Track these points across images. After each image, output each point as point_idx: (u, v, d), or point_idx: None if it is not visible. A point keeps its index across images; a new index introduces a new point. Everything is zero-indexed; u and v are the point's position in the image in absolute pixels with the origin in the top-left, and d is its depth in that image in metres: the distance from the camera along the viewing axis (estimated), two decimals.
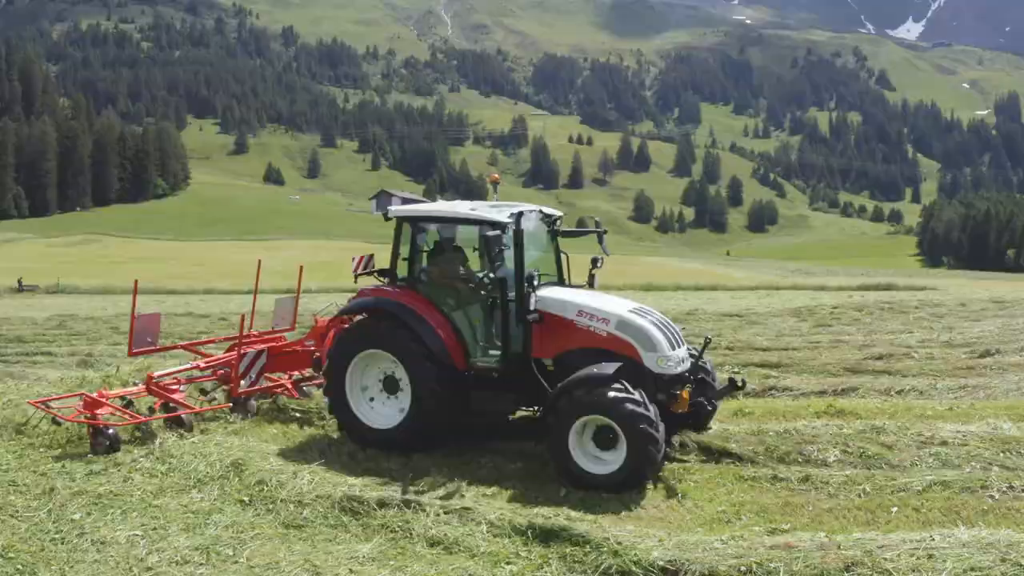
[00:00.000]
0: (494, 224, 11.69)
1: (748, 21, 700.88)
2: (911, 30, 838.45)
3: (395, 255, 12.83)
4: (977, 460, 10.72)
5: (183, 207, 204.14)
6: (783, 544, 8.16)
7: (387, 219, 12.93)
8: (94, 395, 12.43)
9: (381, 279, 13.49)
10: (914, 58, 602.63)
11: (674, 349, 11.51)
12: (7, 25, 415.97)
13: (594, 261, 13.02)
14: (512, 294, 11.82)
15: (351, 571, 8.40)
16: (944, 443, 11.15)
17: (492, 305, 12.36)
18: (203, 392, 14.52)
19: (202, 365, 14.50)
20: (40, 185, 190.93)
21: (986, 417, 12.21)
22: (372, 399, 12.48)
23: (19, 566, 8.46)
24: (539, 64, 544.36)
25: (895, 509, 9.56)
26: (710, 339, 12.47)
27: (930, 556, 7.56)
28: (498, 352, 12.11)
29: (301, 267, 18.79)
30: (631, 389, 10.61)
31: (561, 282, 13.03)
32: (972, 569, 7.31)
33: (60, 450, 11.96)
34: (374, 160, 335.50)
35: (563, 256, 13.18)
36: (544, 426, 11.10)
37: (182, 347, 16.10)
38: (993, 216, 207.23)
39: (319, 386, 14.54)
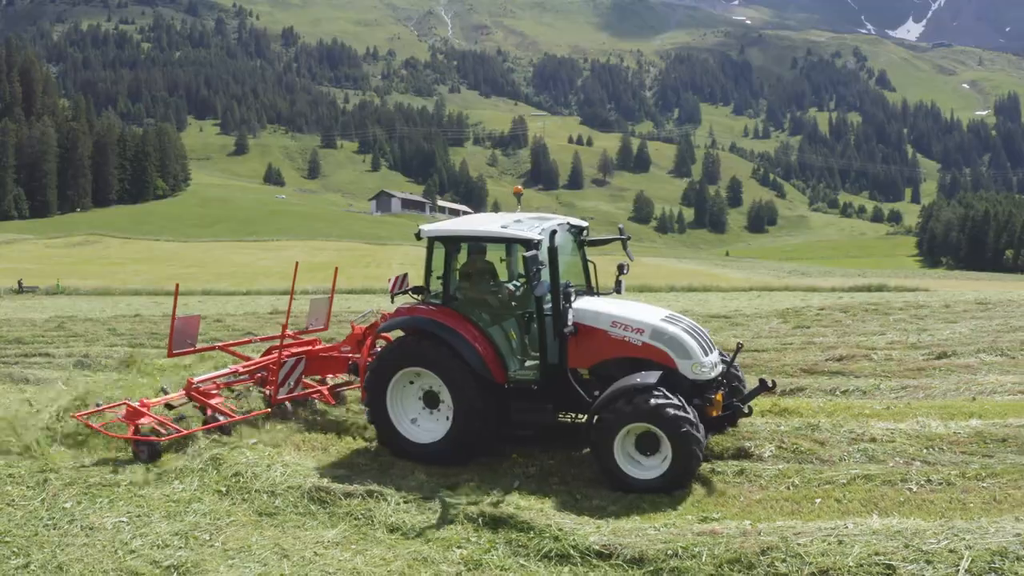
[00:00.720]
0: (527, 242, 11.98)
1: (748, 21, 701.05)
2: (911, 30, 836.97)
3: (428, 273, 13.08)
4: (901, 455, 11.48)
5: (183, 208, 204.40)
6: (709, 531, 9.10)
7: (419, 239, 13.09)
8: (136, 404, 12.69)
9: (415, 297, 13.75)
10: (914, 58, 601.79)
11: (707, 355, 11.87)
12: (7, 26, 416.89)
13: (620, 267, 13.39)
14: (548, 308, 12.13)
15: (316, 554, 9.34)
16: (873, 440, 11.90)
17: (527, 318, 12.73)
18: (233, 393, 14.85)
19: (240, 369, 14.74)
20: (40, 186, 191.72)
21: (917, 416, 12.91)
22: (414, 417, 12.70)
23: (14, 549, 9.40)
24: (539, 65, 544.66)
25: (819, 500, 10.33)
26: (742, 344, 13.37)
27: (840, 542, 8.44)
28: (536, 365, 12.39)
29: (336, 268, 19.54)
30: (673, 396, 10.99)
31: (590, 291, 13.39)
32: (876, 554, 8.16)
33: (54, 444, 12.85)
34: (374, 161, 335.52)
35: (591, 265, 13.50)
36: (589, 435, 11.42)
37: (219, 348, 16.22)
38: (992, 217, 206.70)
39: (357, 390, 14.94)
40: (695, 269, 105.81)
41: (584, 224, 13.47)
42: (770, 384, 12.36)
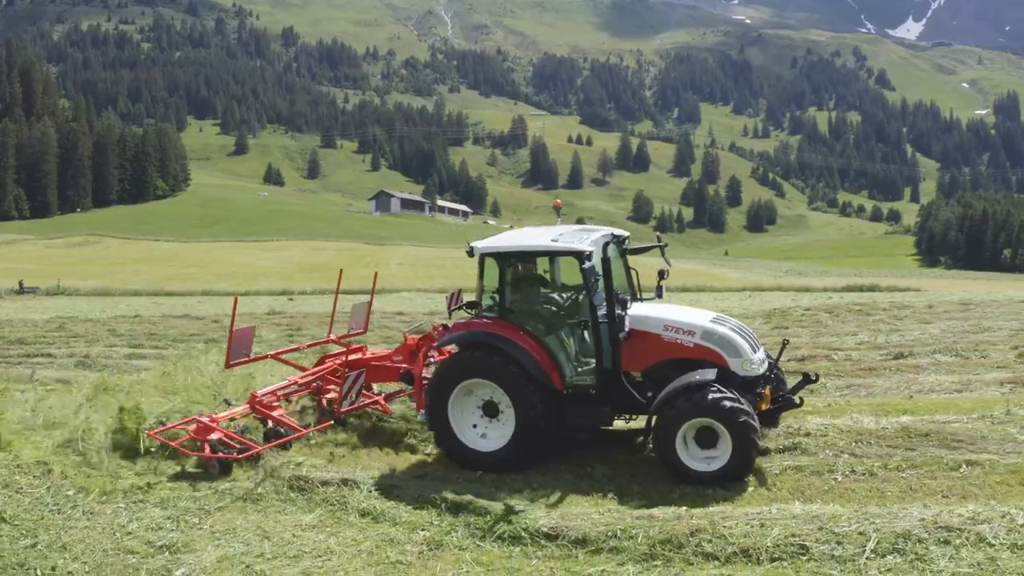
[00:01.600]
0: (579, 254, 12.37)
1: (748, 21, 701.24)
2: (911, 29, 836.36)
3: (480, 288, 13.45)
4: (832, 448, 12.47)
5: (183, 208, 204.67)
6: (646, 515, 10.26)
7: (471, 256, 13.26)
8: (206, 420, 12.94)
9: (470, 311, 14.21)
10: (913, 57, 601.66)
11: (755, 352, 12.51)
12: (7, 26, 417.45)
13: (661, 273, 13.70)
14: (603, 315, 12.59)
15: (294, 535, 10.54)
16: (808, 434, 12.94)
17: (581, 326, 13.14)
18: (292, 404, 15.16)
19: (299, 381, 14.91)
20: (40, 187, 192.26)
21: (853, 413, 13.87)
22: (474, 425, 13.00)
23: (23, 531, 10.47)
24: (539, 64, 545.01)
25: (751, 489, 11.40)
26: (788, 341, 14.18)
27: (762, 525, 9.62)
28: (592, 370, 12.82)
29: (376, 274, 20.11)
30: (731, 392, 11.62)
31: (633, 296, 13.73)
32: (793, 535, 9.37)
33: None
34: (374, 161, 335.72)
35: (633, 272, 13.90)
36: (651, 432, 12.01)
37: (271, 356, 15.91)
38: (990, 216, 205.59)
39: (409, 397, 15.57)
40: (693, 269, 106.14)
41: (626, 234, 13.97)
42: (813, 377, 13.05)
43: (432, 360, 15.10)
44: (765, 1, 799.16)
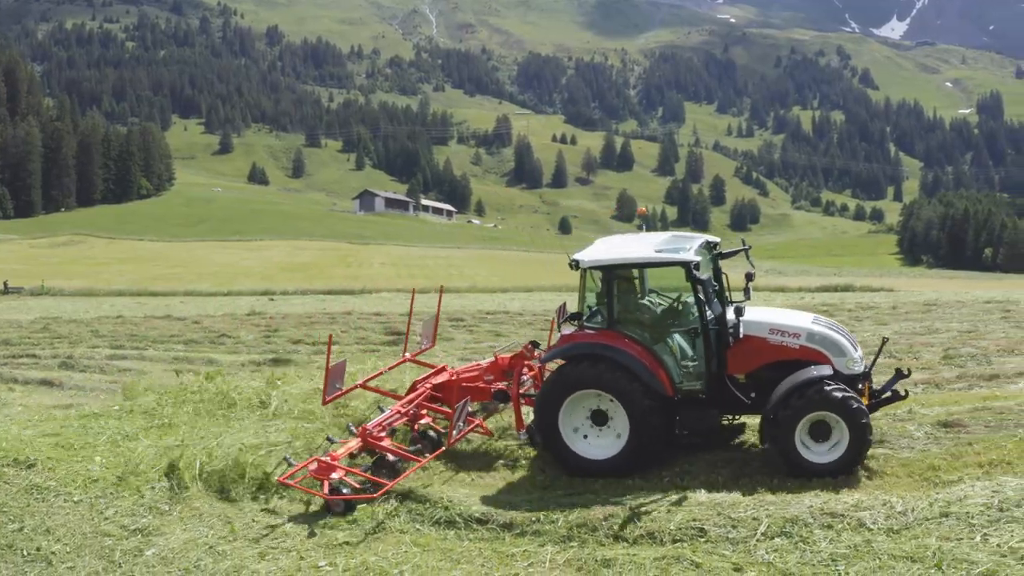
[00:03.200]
0: (686, 264, 12.83)
1: (732, 20, 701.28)
2: (895, 29, 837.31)
3: (582, 300, 13.84)
4: (745, 443, 14.03)
5: (167, 208, 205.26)
6: (568, 502, 11.75)
7: (574, 269, 13.55)
8: (327, 459, 12.72)
9: (573, 324, 14.33)
10: (897, 57, 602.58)
11: (856, 351, 13.11)
12: None
13: (748, 275, 14.16)
14: (713, 321, 13.15)
15: (254, 520, 11.96)
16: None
17: (691, 333, 13.46)
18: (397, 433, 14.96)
19: (401, 411, 14.70)
20: (25, 186, 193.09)
21: None
22: (585, 436, 13.29)
23: (11, 517, 11.61)
24: (523, 63, 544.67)
25: (667, 479, 12.77)
26: (887, 339, 15.18)
27: (668, 511, 11.19)
28: (703, 375, 13.29)
29: (441, 287, 20.66)
30: (848, 388, 12.36)
31: (725, 300, 14.14)
32: (694, 519, 10.91)
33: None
34: (358, 160, 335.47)
35: (724, 276, 14.31)
36: (769, 427, 12.58)
37: (359, 386, 15.70)
38: (971, 215, 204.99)
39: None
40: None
41: (716, 240, 14.54)
42: (906, 373, 13.78)
43: (530, 376, 15.54)
44: (750, 0, 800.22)
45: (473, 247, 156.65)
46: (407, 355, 16.82)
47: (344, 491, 12.16)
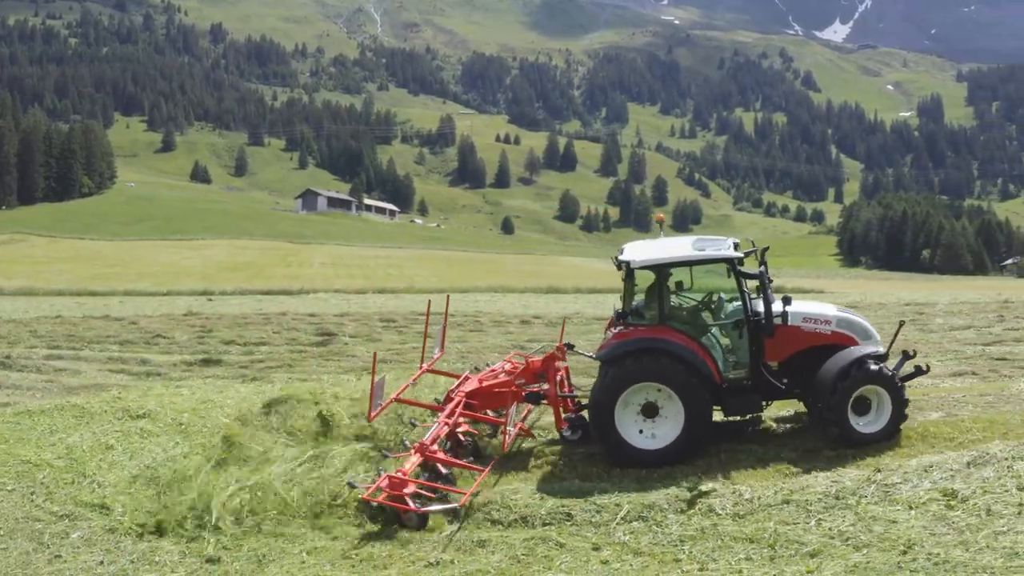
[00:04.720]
0: (730, 260, 14.30)
1: (676, 21, 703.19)
2: (838, 31, 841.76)
3: (628, 298, 14.92)
4: None
5: (109, 206, 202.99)
6: (456, 491, 13.25)
7: (620, 269, 14.72)
8: (399, 475, 12.90)
9: (623, 322, 14.92)
10: (839, 59, 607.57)
11: (878, 335, 14.80)
12: None
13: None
14: (755, 314, 14.33)
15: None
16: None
17: (737, 325, 14.72)
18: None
19: (447, 422, 14.81)
20: None
21: None
22: (640, 431, 14.19)
23: (3, 480, 13.44)
24: (468, 63, 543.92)
25: (548, 469, 14.57)
26: (903, 322, 16.96)
27: (542, 498, 13.02)
28: (747, 363, 14.55)
29: (448, 296, 21.08)
30: (887, 366, 13.99)
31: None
32: (563, 505, 12.69)
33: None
34: (301, 159, 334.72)
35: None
36: (820, 404, 13.93)
37: (395, 400, 15.78)
38: (910, 217, 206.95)
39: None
40: (603, 269, 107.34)
41: (736, 241, 15.28)
42: (911, 353, 14.94)
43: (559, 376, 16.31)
44: (694, 2, 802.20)
45: (415, 247, 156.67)
46: (424, 366, 17.14)
47: (425, 505, 12.61)
